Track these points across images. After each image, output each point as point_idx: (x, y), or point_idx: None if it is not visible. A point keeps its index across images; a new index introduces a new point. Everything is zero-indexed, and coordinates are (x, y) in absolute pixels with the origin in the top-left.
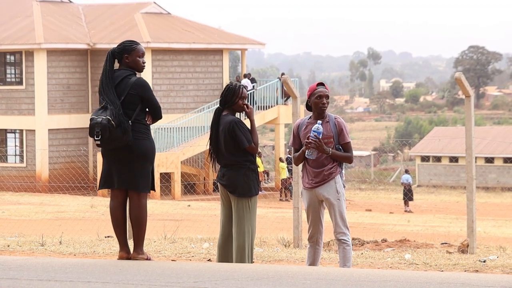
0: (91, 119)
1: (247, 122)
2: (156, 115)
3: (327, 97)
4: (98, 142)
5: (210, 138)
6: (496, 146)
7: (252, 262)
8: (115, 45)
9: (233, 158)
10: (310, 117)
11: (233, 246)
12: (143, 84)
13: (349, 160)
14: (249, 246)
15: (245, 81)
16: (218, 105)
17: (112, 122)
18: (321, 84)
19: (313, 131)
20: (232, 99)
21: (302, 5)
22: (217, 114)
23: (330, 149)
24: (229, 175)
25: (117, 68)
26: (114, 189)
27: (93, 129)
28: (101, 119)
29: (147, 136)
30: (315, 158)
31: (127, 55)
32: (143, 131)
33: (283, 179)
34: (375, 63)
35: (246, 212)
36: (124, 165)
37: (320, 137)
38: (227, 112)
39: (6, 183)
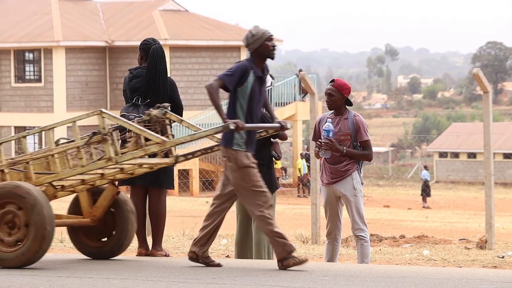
0: (122, 116)
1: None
2: (179, 114)
3: (331, 94)
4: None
5: None
6: None
7: (271, 258)
8: (133, 42)
9: None
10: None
11: (252, 242)
12: (173, 84)
13: (367, 158)
14: (268, 242)
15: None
16: None
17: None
18: (332, 81)
19: (324, 130)
20: None
21: (319, 1)
22: None
23: (345, 147)
24: None
25: (145, 65)
26: (135, 186)
27: None
28: (133, 116)
29: None
30: (329, 156)
31: None
32: None
33: (299, 176)
34: (392, 59)
35: None
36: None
37: (331, 136)
38: None
39: None
